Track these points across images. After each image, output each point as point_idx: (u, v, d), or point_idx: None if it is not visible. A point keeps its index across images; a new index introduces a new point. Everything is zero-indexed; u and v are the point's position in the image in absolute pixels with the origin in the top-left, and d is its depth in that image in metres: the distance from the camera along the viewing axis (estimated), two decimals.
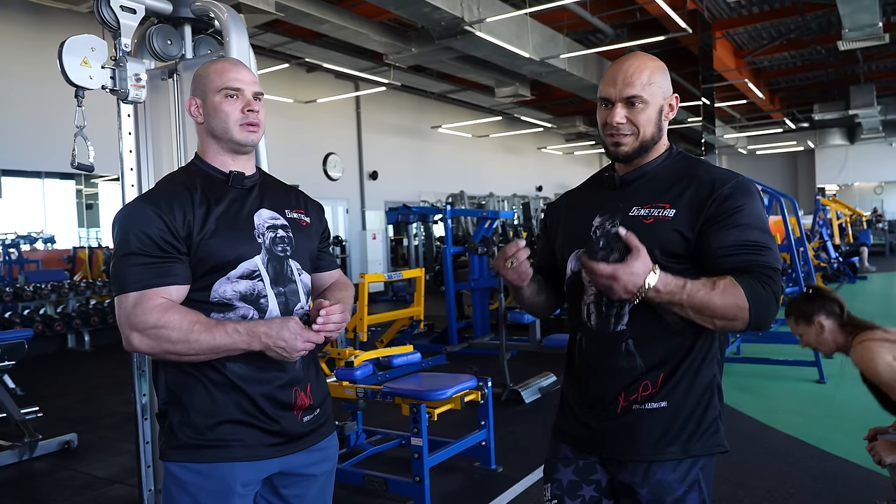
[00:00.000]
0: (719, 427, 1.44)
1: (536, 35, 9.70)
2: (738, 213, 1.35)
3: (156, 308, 1.36)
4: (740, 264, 1.33)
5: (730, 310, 1.29)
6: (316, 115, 12.77)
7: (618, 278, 1.28)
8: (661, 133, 1.47)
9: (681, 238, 1.37)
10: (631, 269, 1.28)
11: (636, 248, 1.30)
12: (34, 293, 7.52)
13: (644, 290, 1.29)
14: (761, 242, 1.35)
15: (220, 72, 1.51)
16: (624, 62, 1.44)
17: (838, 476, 3.38)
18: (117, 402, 5.28)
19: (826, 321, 2.42)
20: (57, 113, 8.00)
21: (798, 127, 21.20)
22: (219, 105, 1.49)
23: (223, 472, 1.42)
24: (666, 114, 1.46)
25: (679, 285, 1.30)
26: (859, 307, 9.43)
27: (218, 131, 1.51)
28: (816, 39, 12.38)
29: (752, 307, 1.29)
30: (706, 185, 1.39)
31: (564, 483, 1.53)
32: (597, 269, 1.29)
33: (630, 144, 1.44)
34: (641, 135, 1.43)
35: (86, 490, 3.59)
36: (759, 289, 1.30)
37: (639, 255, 1.29)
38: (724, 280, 1.30)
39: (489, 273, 7.59)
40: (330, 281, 1.70)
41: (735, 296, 1.29)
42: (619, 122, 1.42)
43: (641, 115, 1.42)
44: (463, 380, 3.45)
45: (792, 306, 2.52)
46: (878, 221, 20.17)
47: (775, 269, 1.34)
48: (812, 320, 2.43)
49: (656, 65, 1.45)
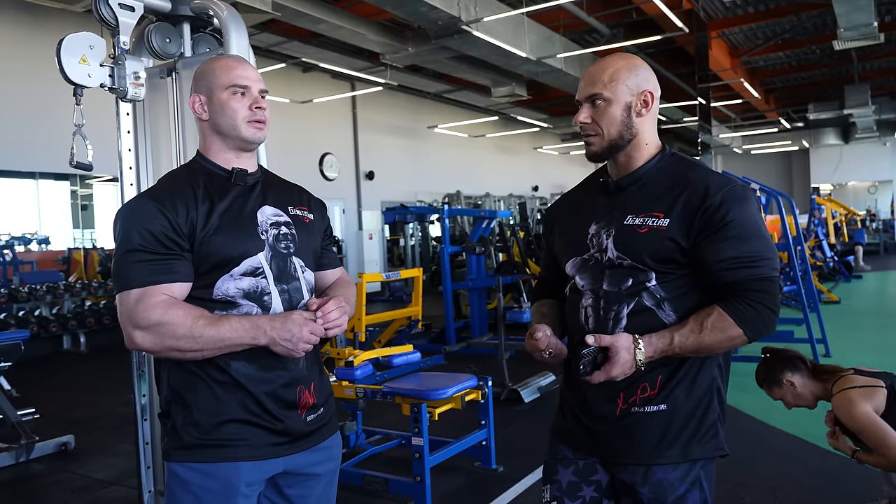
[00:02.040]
0: (719, 430, 1.44)
1: (533, 35, 9.70)
2: (730, 224, 1.35)
3: (159, 305, 1.34)
4: (734, 282, 1.36)
5: (723, 342, 1.36)
6: (312, 115, 12.74)
7: (613, 376, 1.36)
8: (634, 131, 1.44)
9: (675, 246, 1.38)
10: (617, 363, 1.35)
11: (608, 346, 1.36)
12: (29, 294, 7.48)
13: (641, 364, 1.36)
14: (755, 253, 1.35)
15: (227, 69, 1.49)
16: (596, 63, 1.47)
17: (839, 475, 3.38)
18: (114, 404, 5.25)
19: (794, 377, 2.47)
20: (51, 113, 7.96)
21: (793, 126, 21.23)
22: (226, 102, 1.48)
23: (227, 472, 1.41)
24: (637, 110, 1.43)
25: (667, 342, 1.36)
26: (855, 306, 9.49)
27: (225, 128, 1.49)
28: (811, 39, 12.41)
29: (745, 331, 1.35)
30: (699, 191, 1.38)
31: (564, 484, 1.52)
32: (594, 381, 1.37)
33: (598, 144, 1.45)
34: (606, 134, 1.43)
35: (83, 492, 3.56)
36: (750, 312, 1.34)
37: (615, 350, 1.35)
38: (711, 316, 1.35)
39: (487, 273, 7.59)
40: (333, 279, 1.69)
41: (723, 329, 1.35)
42: (582, 121, 1.45)
43: (604, 113, 1.43)
44: (463, 379, 3.44)
45: (758, 376, 2.57)
46: (871, 221, 20.25)
47: (769, 277, 1.37)
48: (781, 382, 2.48)
49: (626, 63, 1.44)
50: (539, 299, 1.68)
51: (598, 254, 1.46)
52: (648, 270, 1.40)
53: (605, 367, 1.36)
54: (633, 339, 1.35)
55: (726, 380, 1.50)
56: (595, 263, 1.47)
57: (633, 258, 1.41)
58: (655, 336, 1.36)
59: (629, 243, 1.41)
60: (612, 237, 1.44)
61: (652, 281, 1.40)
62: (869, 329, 7.81)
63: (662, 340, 1.36)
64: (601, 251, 1.46)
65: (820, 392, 2.46)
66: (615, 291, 1.43)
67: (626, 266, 1.41)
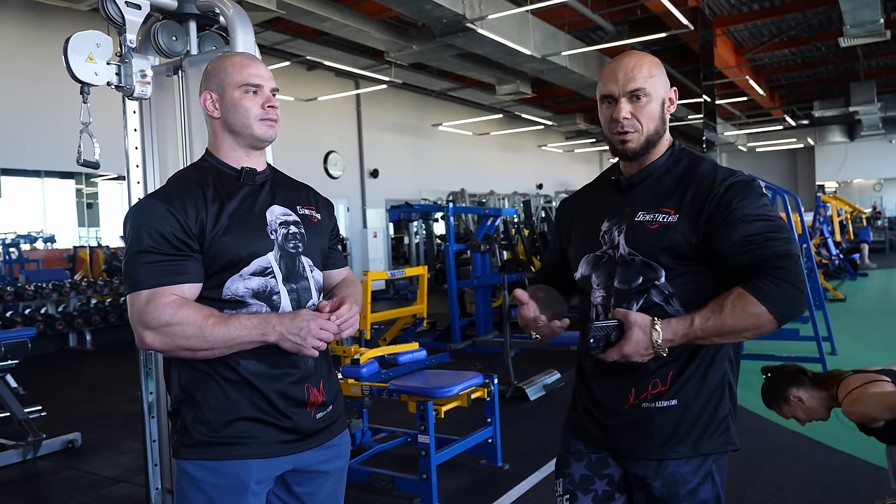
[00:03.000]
0: (730, 425, 1.45)
1: (538, 32, 9.68)
2: (737, 208, 1.34)
3: (169, 305, 1.35)
4: (749, 262, 1.32)
5: (748, 322, 1.30)
6: (316, 113, 12.74)
7: (627, 354, 1.33)
8: (665, 127, 1.47)
9: (685, 241, 1.38)
10: (630, 340, 1.32)
11: (622, 318, 1.33)
12: (35, 292, 7.50)
13: (657, 346, 1.32)
14: (767, 232, 1.33)
15: (239, 67, 1.50)
16: (622, 59, 1.45)
17: (846, 473, 3.37)
18: (120, 401, 5.27)
19: (800, 392, 2.45)
20: (56, 112, 7.98)
21: (798, 124, 21.16)
22: (239, 100, 1.48)
23: (237, 470, 1.41)
24: (668, 107, 1.47)
25: (687, 325, 1.32)
26: (861, 303, 9.46)
27: (237, 126, 1.49)
28: (817, 36, 12.35)
29: (770, 309, 1.28)
30: (706, 183, 1.40)
31: (577, 477, 1.52)
32: (608, 359, 1.35)
33: (636, 140, 1.44)
34: (646, 129, 1.44)
35: (90, 489, 3.58)
36: (770, 287, 1.28)
37: (629, 326, 1.32)
38: (731, 296, 1.30)
39: (492, 271, 7.58)
40: (339, 278, 1.69)
41: (745, 308, 1.29)
42: (625, 116, 1.42)
43: (646, 108, 1.43)
44: (469, 377, 3.44)
45: (765, 397, 2.56)
46: (877, 218, 20.18)
47: (786, 254, 1.31)
48: (788, 399, 2.47)
49: (654, 60, 1.47)
50: (536, 283, 1.65)
51: (611, 250, 1.47)
52: (658, 266, 1.40)
53: (618, 345, 1.33)
54: (651, 320, 1.32)
55: (737, 375, 1.50)
56: (608, 260, 1.47)
57: (644, 254, 1.41)
58: (675, 319, 1.33)
59: (640, 240, 1.42)
60: (624, 233, 1.45)
61: (661, 278, 1.40)
62: (875, 327, 7.78)
63: (682, 323, 1.32)
64: (613, 248, 1.46)
65: (827, 400, 2.43)
66: (625, 289, 1.43)
67: (638, 262, 1.42)
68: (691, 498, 1.41)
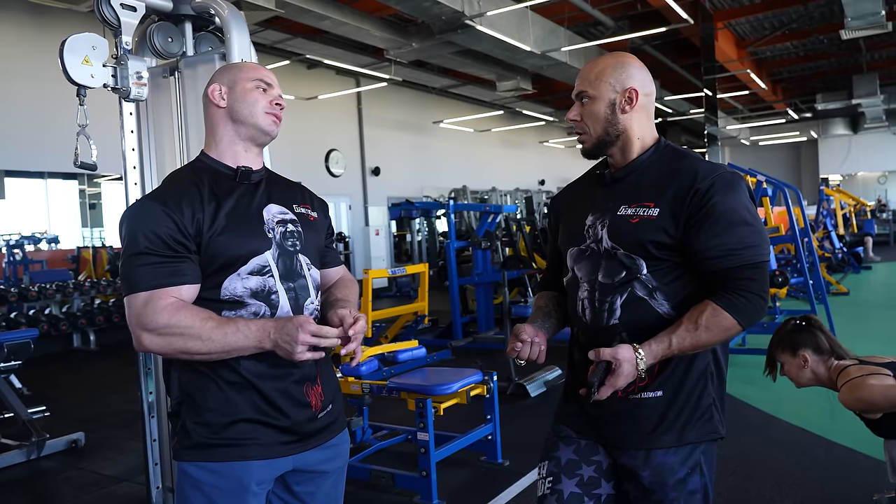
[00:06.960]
0: (713, 414, 1.47)
1: (537, 28, 9.67)
2: (717, 211, 1.37)
3: (167, 308, 1.35)
4: (722, 270, 1.38)
5: (720, 335, 1.39)
6: (317, 111, 12.75)
7: (619, 386, 1.38)
8: (620, 127, 1.48)
9: (666, 235, 1.41)
10: (622, 375, 1.36)
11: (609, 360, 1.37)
12: (39, 293, 7.53)
13: (642, 372, 1.38)
14: (742, 242, 1.38)
15: (254, 68, 1.57)
16: (587, 62, 1.54)
17: (846, 466, 3.37)
18: (123, 401, 5.29)
19: (811, 357, 2.30)
20: (58, 113, 7.99)
21: (801, 117, 21.08)
22: (249, 91, 1.52)
23: (238, 471, 1.42)
24: (621, 107, 1.47)
25: (665, 346, 1.38)
26: (864, 297, 9.44)
27: (243, 115, 1.52)
28: (819, 29, 12.30)
29: (740, 321, 1.38)
30: (688, 179, 1.41)
31: (563, 461, 1.55)
32: (601, 398, 1.39)
33: (588, 141, 1.51)
34: (592, 130, 1.49)
35: (94, 488, 3.60)
36: (741, 301, 1.37)
37: (619, 363, 1.36)
38: (705, 313, 1.37)
39: (493, 268, 7.58)
40: (335, 277, 1.70)
41: (719, 324, 1.37)
42: (571, 118, 1.51)
43: (589, 110, 1.48)
44: (468, 374, 3.45)
45: (780, 333, 2.40)
46: (881, 211, 20.09)
47: (755, 264, 1.39)
48: (797, 353, 2.32)
49: (614, 62, 1.49)
50: (542, 290, 1.73)
51: (595, 244, 1.50)
52: (640, 260, 1.43)
53: (609, 381, 1.37)
54: (634, 349, 1.37)
55: (724, 365, 1.52)
56: (591, 254, 1.50)
57: (625, 248, 1.44)
58: (654, 342, 1.38)
59: (622, 233, 1.45)
60: (607, 227, 1.47)
61: (643, 270, 1.43)
62: (878, 320, 7.76)
63: (661, 346, 1.38)
64: (597, 241, 1.49)
65: (825, 379, 2.32)
66: (609, 283, 1.46)
67: (620, 256, 1.45)
68: (679, 488, 1.43)
